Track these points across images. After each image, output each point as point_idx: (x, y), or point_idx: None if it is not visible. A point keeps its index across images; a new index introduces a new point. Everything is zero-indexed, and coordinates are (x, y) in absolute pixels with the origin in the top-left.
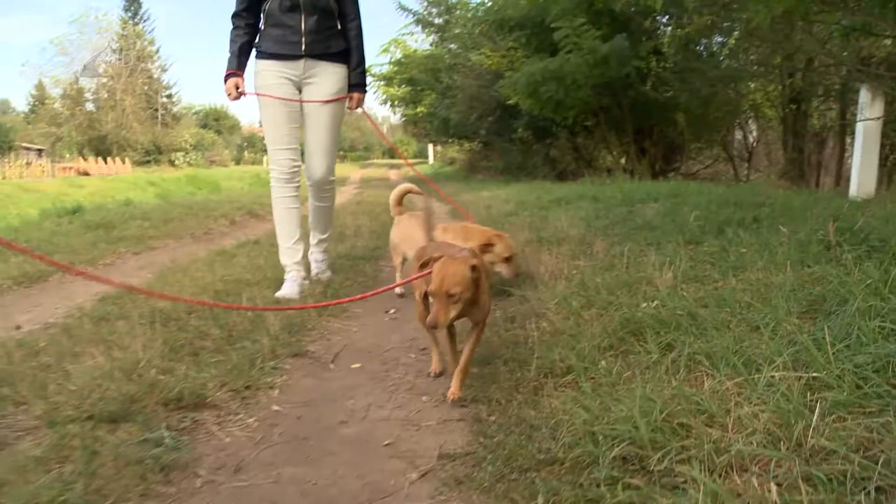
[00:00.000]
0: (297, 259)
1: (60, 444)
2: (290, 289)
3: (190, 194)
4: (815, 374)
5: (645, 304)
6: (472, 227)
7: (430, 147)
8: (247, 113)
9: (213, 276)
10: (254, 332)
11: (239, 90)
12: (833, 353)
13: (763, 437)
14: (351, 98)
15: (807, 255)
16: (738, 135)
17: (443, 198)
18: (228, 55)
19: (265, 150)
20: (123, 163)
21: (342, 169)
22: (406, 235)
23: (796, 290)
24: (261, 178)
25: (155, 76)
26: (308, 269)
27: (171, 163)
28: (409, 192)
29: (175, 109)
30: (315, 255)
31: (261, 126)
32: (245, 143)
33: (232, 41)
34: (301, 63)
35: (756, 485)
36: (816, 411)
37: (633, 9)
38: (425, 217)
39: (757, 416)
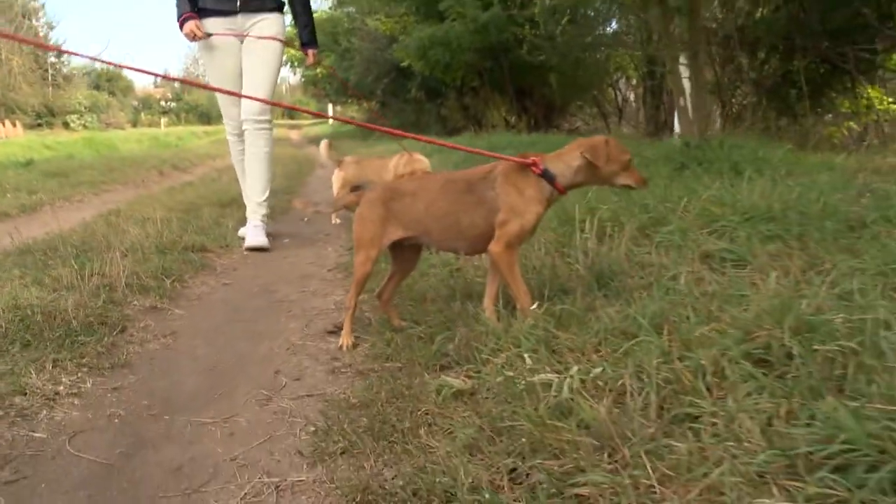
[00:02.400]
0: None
1: (143, 257)
2: (259, 237)
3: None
4: None
5: None
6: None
7: (330, 107)
8: (141, 74)
9: (175, 201)
10: (223, 222)
11: (200, 31)
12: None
13: None
14: (307, 54)
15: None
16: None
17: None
18: (177, 1)
19: (162, 112)
20: (14, 126)
21: None
22: (376, 167)
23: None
24: (159, 140)
25: (42, 34)
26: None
27: (66, 125)
28: (331, 143)
29: (65, 70)
30: (252, 221)
31: (157, 85)
32: (140, 105)
33: None
34: (238, 18)
35: None
36: None
37: None
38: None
39: None
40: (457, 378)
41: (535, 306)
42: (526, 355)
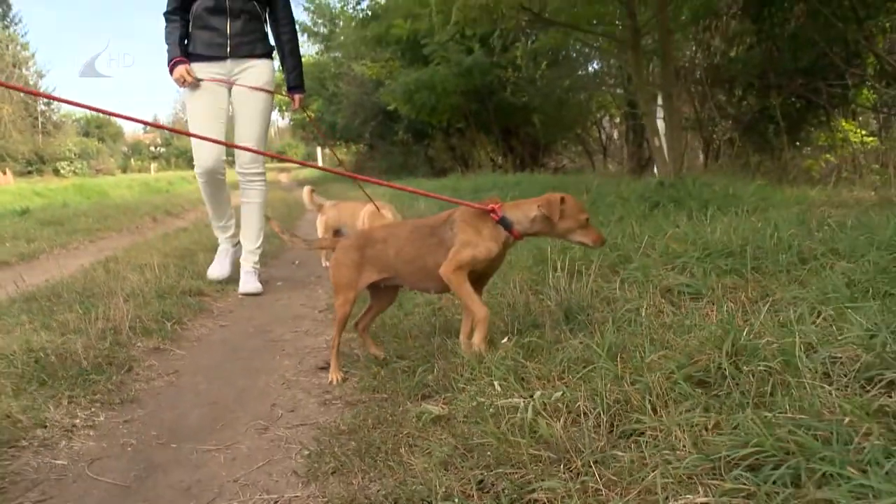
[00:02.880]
0: (228, 234)
1: (143, 302)
2: (220, 269)
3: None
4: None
5: None
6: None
7: (319, 150)
8: (128, 123)
9: (170, 247)
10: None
11: (191, 76)
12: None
13: None
14: (293, 98)
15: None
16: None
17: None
18: (168, 46)
19: (152, 157)
20: (4, 174)
21: (231, 175)
22: (350, 211)
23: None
24: (150, 185)
25: (32, 82)
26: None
27: (56, 172)
28: (313, 190)
29: (55, 117)
30: (245, 268)
31: (146, 132)
32: (130, 151)
33: (169, 34)
34: (227, 63)
35: None
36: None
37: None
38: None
39: None
40: (435, 405)
41: (505, 340)
42: (496, 383)
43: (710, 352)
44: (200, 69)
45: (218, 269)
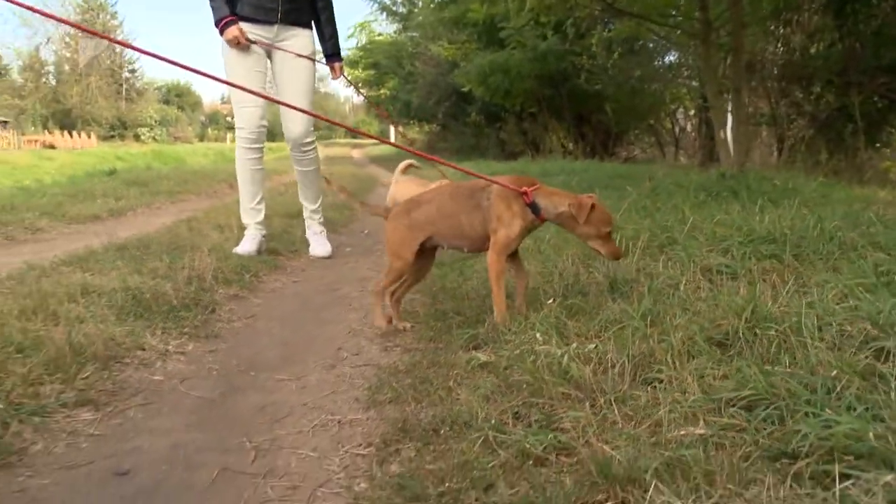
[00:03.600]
0: (258, 219)
1: (224, 256)
2: (248, 246)
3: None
4: None
5: None
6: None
7: (392, 128)
8: (209, 90)
9: None
10: (291, 231)
11: (244, 36)
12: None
13: None
14: (332, 68)
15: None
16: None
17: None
18: (215, 4)
19: (230, 128)
20: (89, 137)
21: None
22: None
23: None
24: (225, 154)
25: (118, 50)
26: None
27: (137, 138)
28: (410, 165)
29: (138, 84)
30: (313, 228)
31: (224, 101)
32: (207, 120)
33: None
34: (275, 28)
35: None
36: None
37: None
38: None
39: None
40: (483, 354)
41: (551, 301)
42: (538, 334)
43: (732, 318)
44: (247, 31)
45: (246, 246)
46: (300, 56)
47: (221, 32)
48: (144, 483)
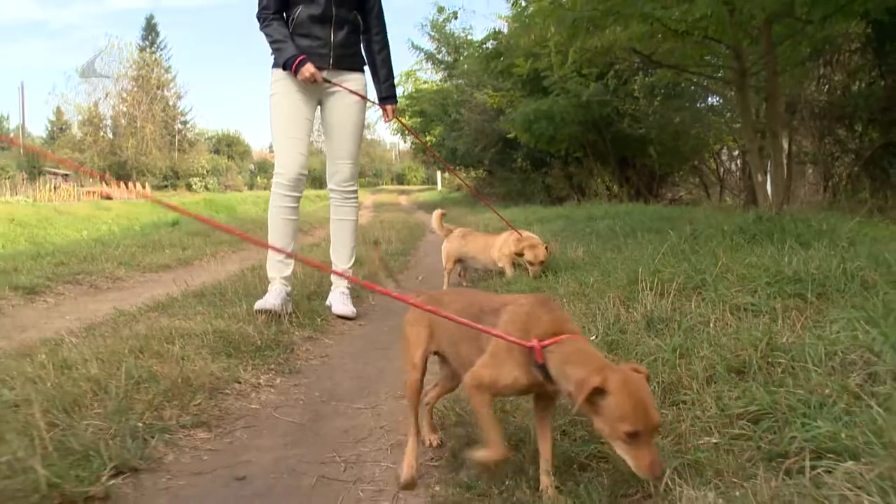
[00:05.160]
0: (285, 274)
1: (296, 301)
2: (272, 300)
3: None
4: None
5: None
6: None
7: (439, 174)
8: (258, 139)
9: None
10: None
11: (320, 75)
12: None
13: None
14: (385, 110)
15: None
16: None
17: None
18: (281, 44)
19: None
20: (144, 188)
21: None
22: (480, 245)
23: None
24: None
25: (171, 103)
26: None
27: (189, 187)
28: (443, 214)
29: (190, 135)
30: (340, 288)
31: (271, 150)
32: (256, 169)
33: (277, 31)
34: (326, 74)
35: None
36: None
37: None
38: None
39: None
40: None
41: (592, 338)
42: None
43: (749, 349)
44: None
45: (270, 300)
46: (355, 94)
47: (295, 72)
48: (259, 487)
